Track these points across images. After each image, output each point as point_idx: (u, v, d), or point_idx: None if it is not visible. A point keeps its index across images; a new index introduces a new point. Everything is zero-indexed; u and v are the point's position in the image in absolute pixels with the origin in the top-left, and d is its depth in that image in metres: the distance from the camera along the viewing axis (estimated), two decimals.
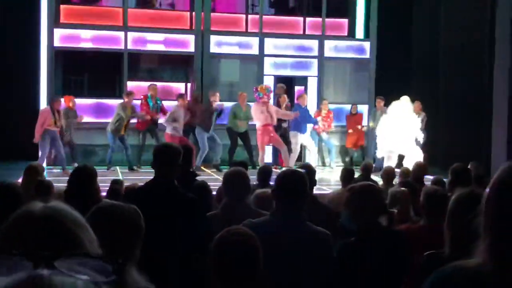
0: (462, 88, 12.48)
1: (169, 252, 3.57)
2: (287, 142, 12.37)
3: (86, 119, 12.23)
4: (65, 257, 1.08)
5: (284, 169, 3.44)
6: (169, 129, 11.50)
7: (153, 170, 3.93)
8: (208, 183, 5.67)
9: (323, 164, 13.58)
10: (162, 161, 3.78)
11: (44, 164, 10.10)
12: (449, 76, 13.14)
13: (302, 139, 12.41)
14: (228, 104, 12.66)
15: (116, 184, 6.56)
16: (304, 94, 13.21)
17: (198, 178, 5.93)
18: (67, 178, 4.41)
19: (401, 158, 11.43)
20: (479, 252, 1.41)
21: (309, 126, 12.71)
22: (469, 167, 6.23)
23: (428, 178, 7.37)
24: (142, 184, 4.13)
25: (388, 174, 7.38)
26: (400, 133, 11.44)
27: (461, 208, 2.69)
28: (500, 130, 11.18)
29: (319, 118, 12.95)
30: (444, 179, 6.87)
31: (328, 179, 11.39)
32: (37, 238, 1.32)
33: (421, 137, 11.87)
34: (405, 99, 11.65)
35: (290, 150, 12.28)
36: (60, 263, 1.05)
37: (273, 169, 9.61)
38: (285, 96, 13.01)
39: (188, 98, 12.78)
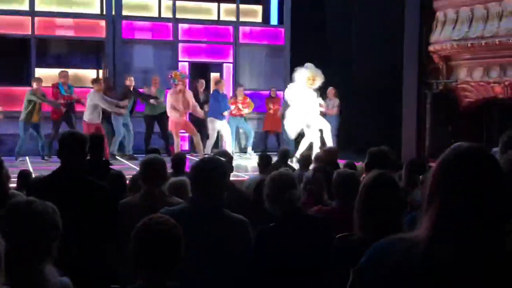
0: (375, 73, 12.81)
1: (78, 242, 3.48)
2: (203, 128, 12.31)
3: None
4: None
5: (201, 156, 3.44)
6: (87, 117, 11.12)
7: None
8: (123, 172, 5.58)
9: (240, 151, 13.61)
10: (67, 149, 3.68)
11: None
12: (362, 62, 13.46)
13: (219, 125, 12.29)
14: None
15: (24, 175, 6.32)
16: (222, 80, 13.10)
17: (113, 167, 5.82)
18: None
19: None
20: (420, 226, 1.49)
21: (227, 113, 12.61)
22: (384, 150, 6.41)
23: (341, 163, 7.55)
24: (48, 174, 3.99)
25: (305, 160, 7.49)
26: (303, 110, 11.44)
27: (370, 190, 2.75)
28: (410, 115, 11.58)
29: (233, 107, 12.87)
30: (356, 163, 7.07)
31: (246, 165, 11.42)
32: None
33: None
34: (298, 73, 11.43)
35: (206, 137, 12.22)
36: None
37: (190, 157, 9.56)
38: (203, 81, 12.95)
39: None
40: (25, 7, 12.97)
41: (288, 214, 3.34)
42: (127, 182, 5.60)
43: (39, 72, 12.77)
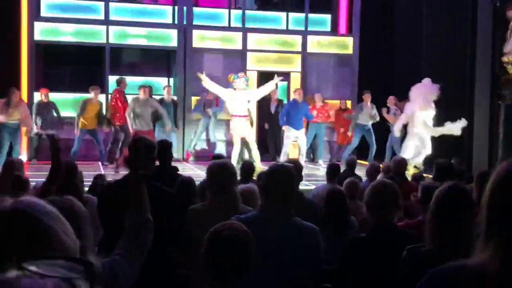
0: (444, 83, 12.55)
1: None
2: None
3: (68, 114, 12.18)
4: (34, 258, 1.06)
5: (272, 164, 3.38)
6: (130, 124, 11.30)
7: None
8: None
9: (312, 160, 13.54)
10: (135, 155, 3.78)
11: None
12: (432, 71, 13.21)
13: (296, 134, 12.18)
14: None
15: (99, 179, 6.53)
16: (300, 89, 12.98)
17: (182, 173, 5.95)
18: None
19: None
20: (481, 251, 1.36)
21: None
22: (452, 162, 6.32)
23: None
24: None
25: (373, 170, 7.43)
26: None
27: (442, 202, 2.72)
28: (482, 126, 11.29)
29: (314, 112, 12.94)
30: (424, 175, 6.97)
31: (315, 174, 11.37)
32: (9, 234, 1.30)
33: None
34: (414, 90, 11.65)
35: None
36: (30, 264, 1.04)
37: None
38: (276, 89, 12.96)
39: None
40: (101, 16, 13.46)
41: (380, 225, 3.32)
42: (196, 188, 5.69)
43: (112, 79, 13.20)
